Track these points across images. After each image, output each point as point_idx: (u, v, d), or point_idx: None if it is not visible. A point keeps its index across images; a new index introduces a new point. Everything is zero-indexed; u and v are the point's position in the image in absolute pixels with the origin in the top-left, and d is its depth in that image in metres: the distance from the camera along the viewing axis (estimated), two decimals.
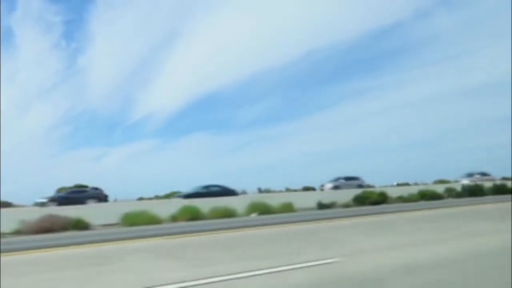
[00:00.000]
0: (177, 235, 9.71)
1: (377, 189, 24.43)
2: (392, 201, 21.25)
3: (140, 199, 33.57)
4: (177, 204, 16.73)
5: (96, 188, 26.57)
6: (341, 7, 71.52)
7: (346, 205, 19.89)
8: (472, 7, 68.31)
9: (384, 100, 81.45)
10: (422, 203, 20.47)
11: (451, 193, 24.30)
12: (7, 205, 28.04)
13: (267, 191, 38.02)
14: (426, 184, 33.75)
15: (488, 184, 26.33)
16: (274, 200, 18.31)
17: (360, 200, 20.41)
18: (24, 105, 65.09)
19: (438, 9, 68.35)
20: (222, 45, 74.05)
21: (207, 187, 25.58)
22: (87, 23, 74.46)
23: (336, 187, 29.74)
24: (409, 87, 79.05)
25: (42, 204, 22.44)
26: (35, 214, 14.02)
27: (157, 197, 36.64)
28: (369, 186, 30.46)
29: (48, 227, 13.10)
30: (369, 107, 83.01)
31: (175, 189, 32.94)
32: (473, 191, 24.57)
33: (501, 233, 7.14)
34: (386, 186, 31.58)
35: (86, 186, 28.34)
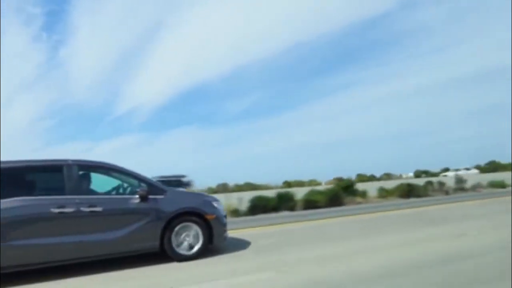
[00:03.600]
0: None
1: None
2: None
3: None
4: None
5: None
6: None
7: None
8: None
9: (371, 92, 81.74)
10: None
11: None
12: None
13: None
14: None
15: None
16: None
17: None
18: (5, 99, 63.73)
19: (424, 0, 68.00)
20: (208, 37, 72.93)
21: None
22: (69, 14, 72.12)
23: None
24: (396, 79, 79.28)
25: None
26: None
27: None
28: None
29: None
30: (356, 99, 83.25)
31: None
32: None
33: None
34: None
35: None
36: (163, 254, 5.57)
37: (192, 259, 5.65)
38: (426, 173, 59.17)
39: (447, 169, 57.94)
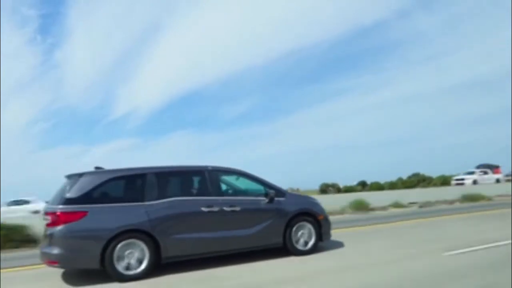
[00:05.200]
0: None
1: None
2: None
3: None
4: None
5: None
6: (323, 6, 72.14)
7: None
8: (452, 8, 69.95)
9: (365, 99, 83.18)
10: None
11: None
12: None
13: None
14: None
15: None
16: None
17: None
18: (0, 101, 63.38)
19: (419, 9, 69.66)
20: (204, 43, 73.73)
21: None
22: (64, 17, 72.57)
23: None
24: (390, 86, 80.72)
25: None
26: None
27: None
28: None
29: None
30: (350, 106, 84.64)
31: None
32: None
33: None
34: None
35: None
36: (285, 249, 6.34)
37: (307, 254, 6.42)
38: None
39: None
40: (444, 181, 38.26)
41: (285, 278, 5.10)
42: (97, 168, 5.85)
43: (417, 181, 45.95)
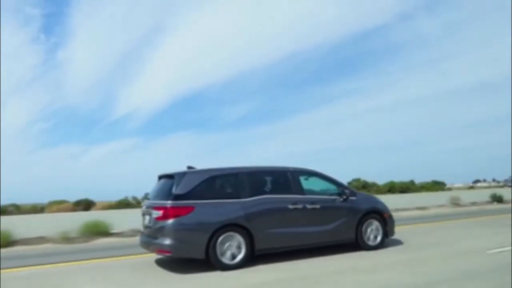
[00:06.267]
0: None
1: None
2: None
3: None
4: None
5: None
6: (325, 9, 72.55)
7: None
8: (453, 12, 70.27)
9: (366, 102, 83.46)
10: None
11: None
12: None
13: None
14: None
15: None
16: None
17: None
18: (1, 100, 63.22)
19: (420, 13, 69.85)
20: (206, 44, 74.19)
21: None
22: (67, 17, 72.93)
23: None
24: (393, 89, 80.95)
25: None
26: None
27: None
28: None
29: None
30: (352, 109, 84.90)
31: None
32: None
33: None
34: None
35: None
36: (356, 244, 6.89)
37: (375, 249, 6.97)
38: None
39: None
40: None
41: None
42: (189, 167, 6.43)
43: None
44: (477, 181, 61.35)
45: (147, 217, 6.25)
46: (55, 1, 72.41)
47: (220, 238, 5.75)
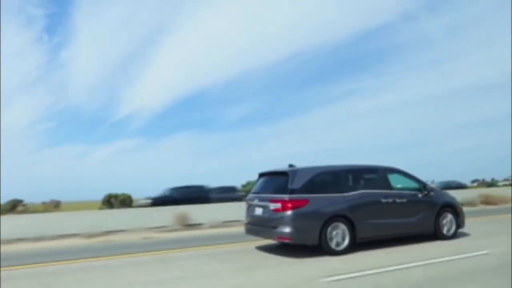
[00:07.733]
0: None
1: None
2: None
3: None
4: None
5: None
6: (328, 9, 73.06)
7: None
8: (457, 13, 70.87)
9: (367, 103, 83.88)
10: None
11: None
12: None
13: None
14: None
15: None
16: None
17: None
18: (4, 100, 63.08)
19: (424, 13, 70.32)
20: (208, 45, 74.54)
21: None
22: (70, 17, 73.03)
23: None
24: (394, 89, 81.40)
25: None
26: None
27: None
28: None
29: None
30: (353, 110, 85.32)
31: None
32: None
33: None
34: None
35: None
36: (434, 235, 7.75)
37: (450, 239, 7.83)
38: None
39: None
40: None
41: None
42: (290, 165, 7.31)
43: None
44: (475, 180, 61.85)
45: (258, 209, 7.13)
46: (58, 1, 73.17)
47: (329, 228, 6.62)
